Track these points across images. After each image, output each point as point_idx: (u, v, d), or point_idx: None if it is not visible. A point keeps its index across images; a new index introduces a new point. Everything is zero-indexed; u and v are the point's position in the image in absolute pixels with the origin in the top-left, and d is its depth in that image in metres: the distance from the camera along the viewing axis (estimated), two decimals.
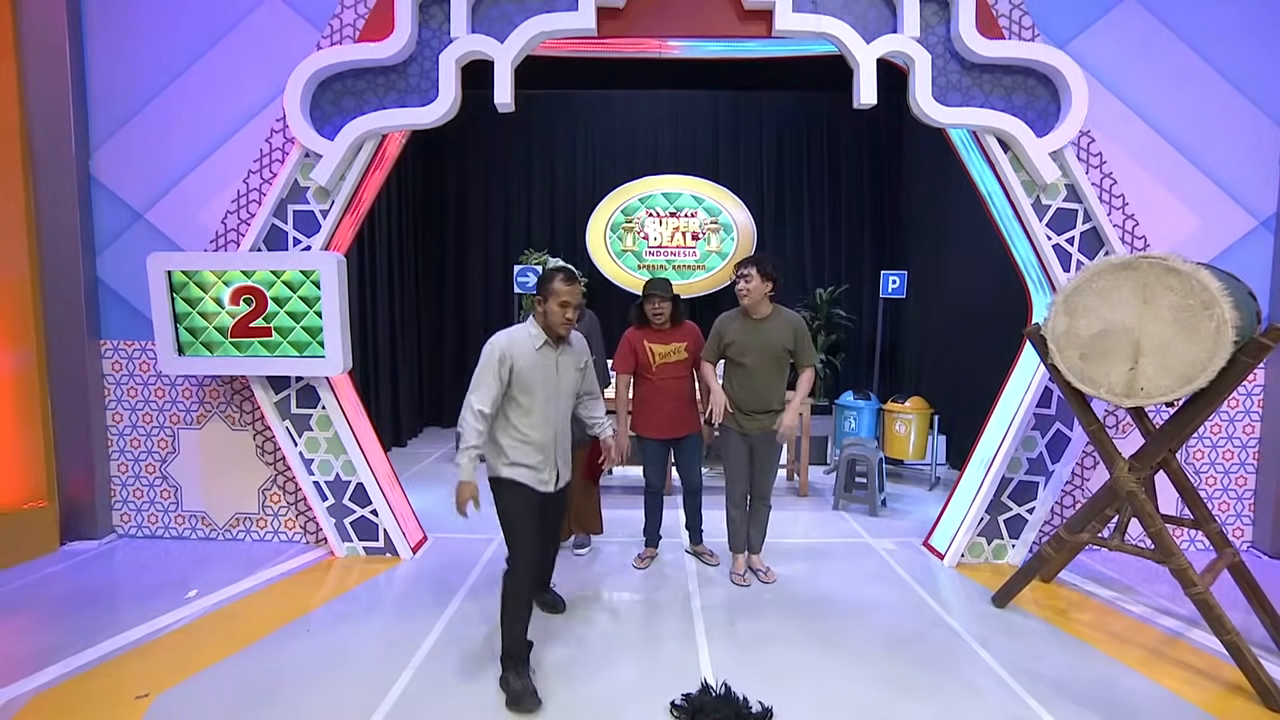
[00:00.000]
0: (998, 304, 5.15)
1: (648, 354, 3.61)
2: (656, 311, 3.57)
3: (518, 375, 2.56)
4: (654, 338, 3.62)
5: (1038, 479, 3.83)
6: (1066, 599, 3.43)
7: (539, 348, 2.62)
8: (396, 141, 3.92)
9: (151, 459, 4.14)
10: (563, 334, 2.65)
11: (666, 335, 3.63)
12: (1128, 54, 3.75)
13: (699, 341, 3.68)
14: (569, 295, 2.59)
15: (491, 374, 2.54)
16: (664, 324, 3.60)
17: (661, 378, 3.61)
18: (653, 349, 3.60)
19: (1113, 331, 2.66)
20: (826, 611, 3.26)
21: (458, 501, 2.55)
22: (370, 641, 2.95)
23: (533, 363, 2.59)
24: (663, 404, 3.62)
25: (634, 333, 3.65)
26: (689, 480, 3.82)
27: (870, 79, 3.54)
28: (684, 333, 3.68)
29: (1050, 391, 3.74)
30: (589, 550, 3.96)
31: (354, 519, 3.95)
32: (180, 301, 3.73)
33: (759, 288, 3.35)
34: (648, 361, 3.61)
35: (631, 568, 3.79)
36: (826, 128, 7.59)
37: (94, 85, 3.93)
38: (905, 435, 5.53)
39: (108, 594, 3.43)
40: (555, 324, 2.61)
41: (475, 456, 2.56)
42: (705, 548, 3.91)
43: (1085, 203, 3.61)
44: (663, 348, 3.61)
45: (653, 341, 3.61)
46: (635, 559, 3.86)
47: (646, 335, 3.63)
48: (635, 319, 3.69)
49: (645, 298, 3.62)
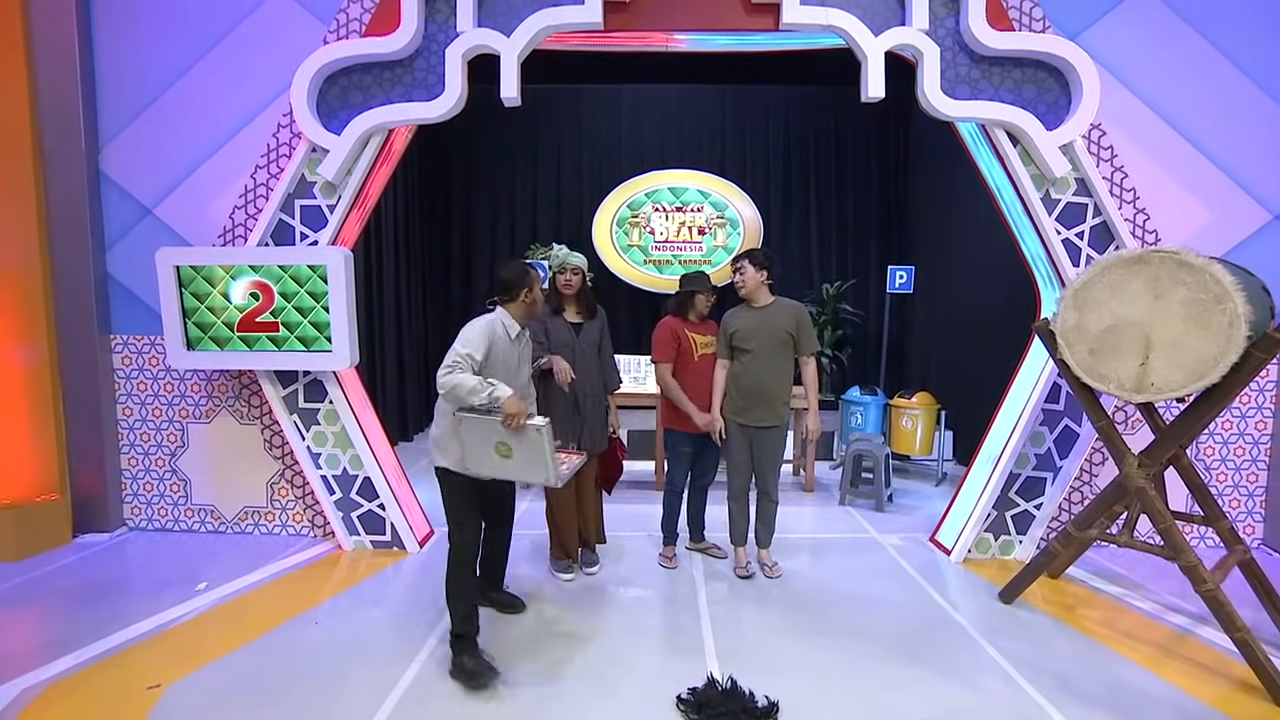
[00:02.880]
0: (1005, 299, 5.12)
1: (690, 343, 3.58)
2: (707, 305, 3.60)
3: (491, 357, 2.65)
4: (693, 328, 3.62)
5: (1045, 475, 3.80)
6: (1074, 595, 3.41)
7: (513, 338, 2.77)
8: (403, 136, 3.92)
9: (161, 453, 4.17)
10: (538, 317, 2.99)
11: (703, 327, 3.64)
12: (1140, 45, 3.70)
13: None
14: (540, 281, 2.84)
15: (480, 339, 2.61)
16: (705, 315, 3.64)
17: (700, 368, 3.58)
18: (694, 339, 3.59)
19: (1123, 326, 2.64)
20: (832, 607, 3.26)
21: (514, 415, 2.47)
22: (378, 634, 2.96)
23: (504, 351, 2.73)
24: (705, 391, 3.55)
25: (675, 322, 3.62)
26: (704, 476, 3.81)
27: (878, 72, 3.51)
28: (714, 327, 3.67)
29: (1059, 387, 3.71)
30: (600, 567, 3.68)
31: (361, 513, 3.97)
32: (189, 297, 3.75)
33: (753, 277, 3.41)
34: (690, 350, 3.57)
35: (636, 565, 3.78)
36: (834, 121, 7.55)
37: (103, 81, 3.95)
38: (912, 430, 5.51)
39: (119, 586, 3.47)
40: (539, 310, 2.92)
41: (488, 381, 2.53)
42: (709, 542, 3.91)
43: (1096, 196, 3.57)
44: (703, 338, 3.60)
45: (693, 331, 3.61)
46: (660, 558, 3.82)
47: (687, 325, 3.61)
48: (673, 309, 3.65)
49: (700, 292, 3.58)
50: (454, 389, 2.50)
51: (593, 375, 3.43)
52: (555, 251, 3.39)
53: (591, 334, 3.45)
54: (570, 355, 3.33)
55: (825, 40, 3.88)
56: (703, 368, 3.57)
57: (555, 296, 3.41)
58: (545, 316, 3.35)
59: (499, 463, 2.58)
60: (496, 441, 2.54)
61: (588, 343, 3.42)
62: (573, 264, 3.37)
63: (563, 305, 3.42)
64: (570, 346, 3.36)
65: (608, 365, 3.53)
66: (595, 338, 3.46)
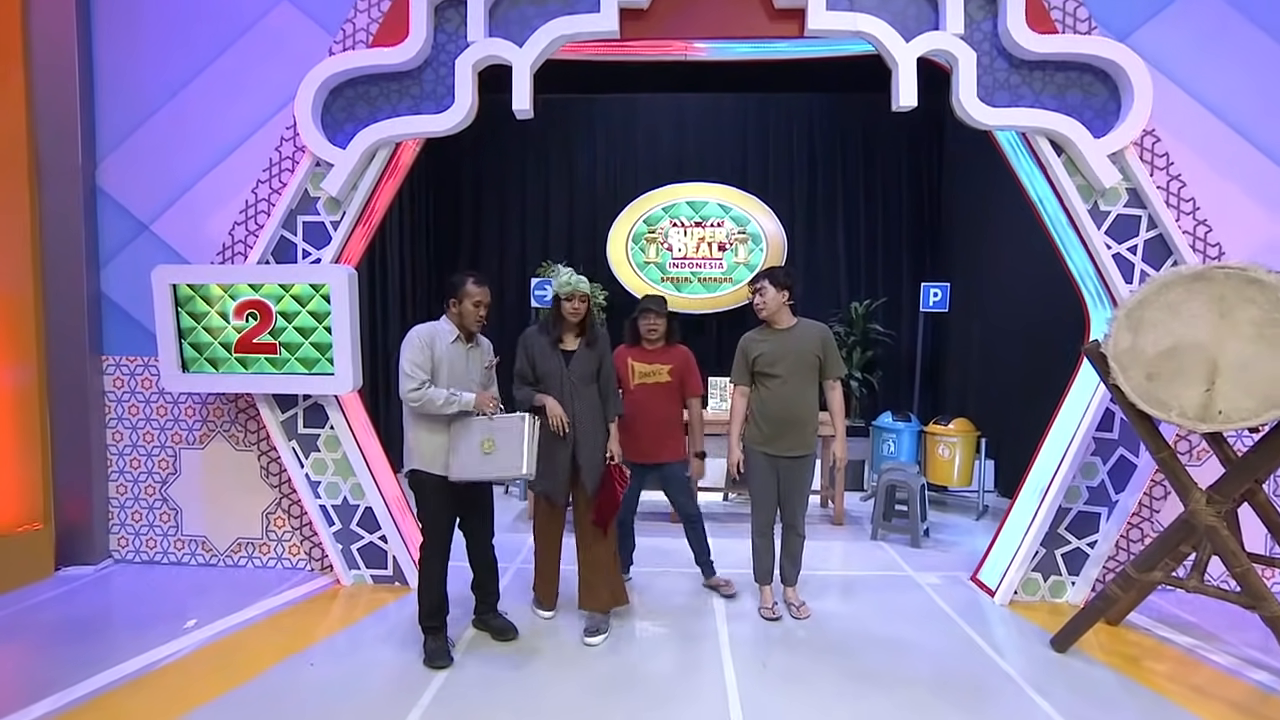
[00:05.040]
0: (1050, 318, 5.04)
1: (628, 371, 3.67)
2: (651, 327, 3.64)
3: (436, 363, 2.98)
4: (638, 355, 3.70)
5: (1099, 510, 3.69)
6: (1138, 645, 3.28)
7: (452, 342, 3.05)
8: (410, 150, 3.94)
9: (152, 480, 4.16)
10: (475, 330, 3.12)
11: (651, 355, 3.69)
12: (1197, 44, 3.61)
13: (687, 367, 3.73)
14: (480, 295, 3.04)
15: (420, 353, 2.96)
16: (657, 341, 3.67)
17: (637, 399, 3.62)
18: (634, 366, 3.68)
19: (1184, 349, 2.57)
20: (865, 651, 3.18)
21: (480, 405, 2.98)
22: (377, 677, 2.92)
23: (448, 353, 3.02)
24: (634, 426, 3.59)
25: (622, 349, 3.74)
26: (682, 510, 3.81)
27: (910, 79, 3.49)
28: (671, 355, 3.71)
29: (1112, 414, 3.61)
30: (605, 637, 3.27)
31: (362, 545, 3.93)
32: (185, 316, 3.77)
33: (775, 298, 3.40)
34: (626, 379, 3.66)
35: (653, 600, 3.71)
36: (862, 131, 7.52)
37: (102, 93, 4.02)
38: (949, 460, 5.42)
39: (102, 623, 3.44)
40: (470, 323, 3.06)
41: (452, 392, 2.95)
42: (719, 579, 3.84)
43: (1150, 208, 3.50)
44: (644, 367, 3.67)
45: (636, 359, 3.69)
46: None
47: (632, 352, 3.72)
48: (628, 335, 3.77)
49: (640, 313, 3.69)
50: (424, 405, 2.92)
51: (586, 409, 3.26)
52: (561, 274, 3.24)
53: (586, 364, 3.28)
54: (557, 384, 3.23)
55: (853, 46, 3.87)
56: (636, 399, 3.61)
57: (557, 322, 3.29)
58: (530, 343, 3.32)
59: (481, 460, 2.93)
60: (483, 439, 2.93)
61: (580, 373, 3.26)
62: (583, 290, 3.25)
63: (562, 332, 3.31)
64: (556, 376, 3.24)
65: (608, 396, 3.37)
66: (591, 368, 3.29)
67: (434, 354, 2.98)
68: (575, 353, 3.29)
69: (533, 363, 3.29)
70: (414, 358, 2.95)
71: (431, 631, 3.05)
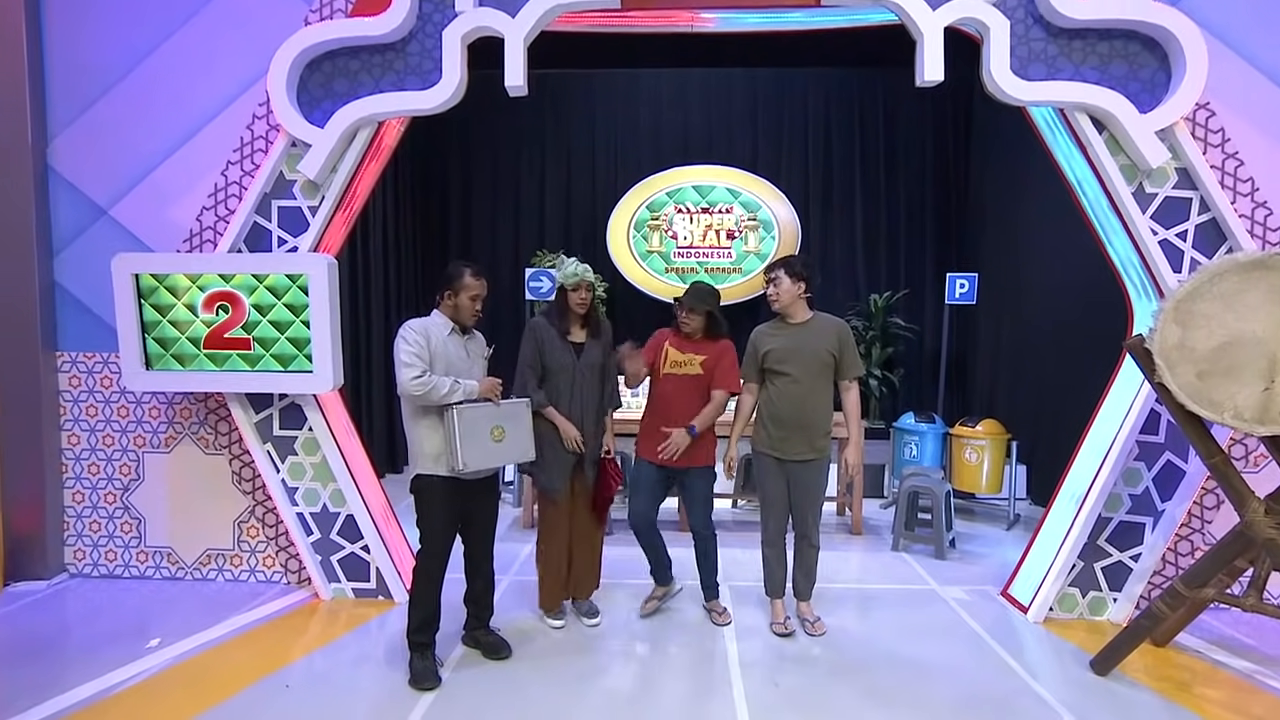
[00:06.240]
0: (1088, 311, 5.05)
1: (661, 357, 3.61)
2: (683, 321, 3.59)
3: (433, 355, 3.03)
4: (676, 341, 3.64)
5: (1144, 520, 3.66)
6: (1188, 669, 3.25)
7: (448, 334, 3.12)
8: (394, 129, 3.92)
9: (112, 487, 4.14)
10: (469, 324, 3.18)
11: (689, 344, 3.61)
12: (1257, 6, 3.54)
13: (721, 360, 3.55)
14: (479, 289, 3.11)
15: (417, 343, 3.00)
16: (694, 333, 3.60)
17: (665, 391, 3.59)
18: (668, 351, 3.62)
19: (1241, 344, 2.57)
20: (884, 671, 3.18)
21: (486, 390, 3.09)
22: (359, 700, 2.91)
23: (444, 346, 3.08)
24: (659, 422, 3.55)
25: (666, 331, 3.69)
26: (694, 522, 3.69)
27: (936, 52, 3.44)
28: (708, 347, 3.57)
29: (1157, 415, 3.58)
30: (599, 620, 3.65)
31: (342, 556, 3.92)
32: (149, 309, 3.74)
33: (790, 289, 3.39)
34: (658, 365, 3.61)
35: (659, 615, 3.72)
36: (882, 108, 7.51)
37: (53, 65, 3.97)
38: (977, 464, 5.41)
39: (56, 643, 3.42)
40: (465, 317, 3.13)
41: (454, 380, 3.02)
42: (717, 604, 3.74)
43: (1202, 189, 3.46)
44: (678, 355, 3.60)
45: (673, 345, 3.63)
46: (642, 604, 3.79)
47: (672, 338, 3.65)
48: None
49: (675, 303, 3.65)
50: (429, 394, 2.95)
51: (593, 402, 3.51)
52: (566, 265, 3.46)
53: (594, 355, 3.51)
54: (569, 379, 3.43)
55: (874, 15, 3.84)
56: (665, 388, 3.57)
57: (564, 314, 3.46)
58: (540, 333, 3.44)
59: (493, 448, 3.06)
60: (492, 426, 3.06)
61: (589, 365, 3.49)
62: (589, 280, 3.46)
63: (570, 324, 3.47)
64: (569, 370, 3.44)
65: (609, 386, 3.60)
66: (598, 359, 3.52)
67: (430, 346, 3.03)
68: (584, 345, 3.50)
69: (542, 353, 3.42)
70: (412, 347, 2.99)
71: (419, 649, 3.07)
